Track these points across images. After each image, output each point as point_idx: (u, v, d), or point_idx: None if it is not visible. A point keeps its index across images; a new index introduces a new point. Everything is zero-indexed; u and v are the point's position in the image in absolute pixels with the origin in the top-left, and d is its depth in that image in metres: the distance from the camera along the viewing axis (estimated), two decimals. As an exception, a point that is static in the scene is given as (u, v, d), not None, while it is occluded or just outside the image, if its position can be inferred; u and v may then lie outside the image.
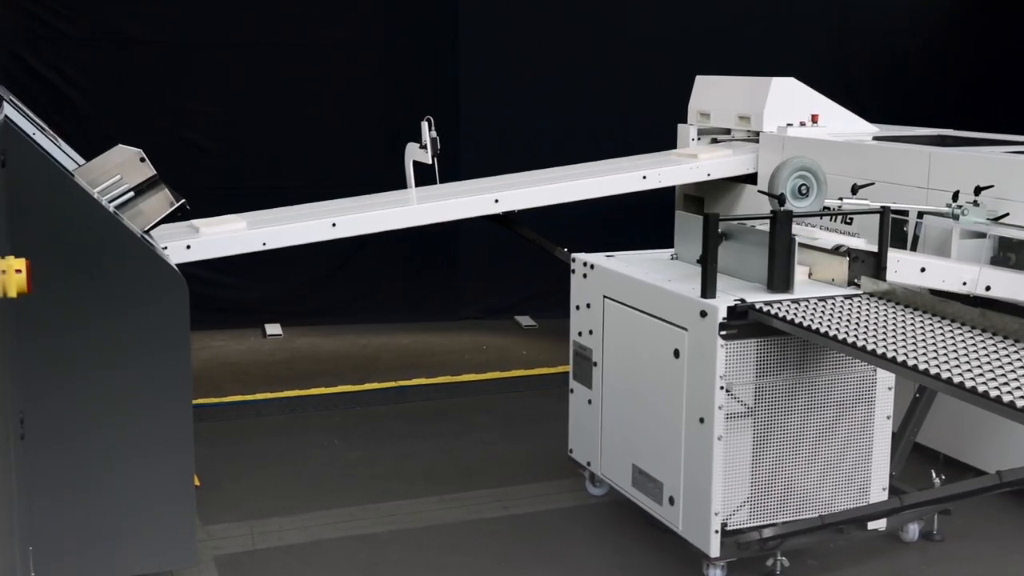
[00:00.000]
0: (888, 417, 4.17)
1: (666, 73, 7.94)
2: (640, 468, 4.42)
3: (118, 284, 3.74)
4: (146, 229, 4.14)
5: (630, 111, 8.26)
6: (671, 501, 4.21)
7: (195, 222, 5.65)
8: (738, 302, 3.92)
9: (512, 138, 8.22)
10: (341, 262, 8.11)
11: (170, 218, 4.39)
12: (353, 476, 5.21)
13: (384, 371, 6.87)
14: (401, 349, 7.48)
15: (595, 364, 4.71)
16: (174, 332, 3.81)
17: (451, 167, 7.88)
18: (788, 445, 4.09)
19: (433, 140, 6.21)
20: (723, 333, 3.88)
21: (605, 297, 4.61)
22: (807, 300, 3.99)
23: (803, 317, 3.77)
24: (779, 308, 3.89)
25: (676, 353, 4.11)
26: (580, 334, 4.82)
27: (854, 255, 4.16)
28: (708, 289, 3.98)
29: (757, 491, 4.09)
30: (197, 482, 5.07)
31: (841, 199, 4.82)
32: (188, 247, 5.38)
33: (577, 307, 4.84)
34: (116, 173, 4.59)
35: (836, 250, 4.20)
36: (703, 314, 3.95)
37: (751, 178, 6.52)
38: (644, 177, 6.32)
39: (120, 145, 4.65)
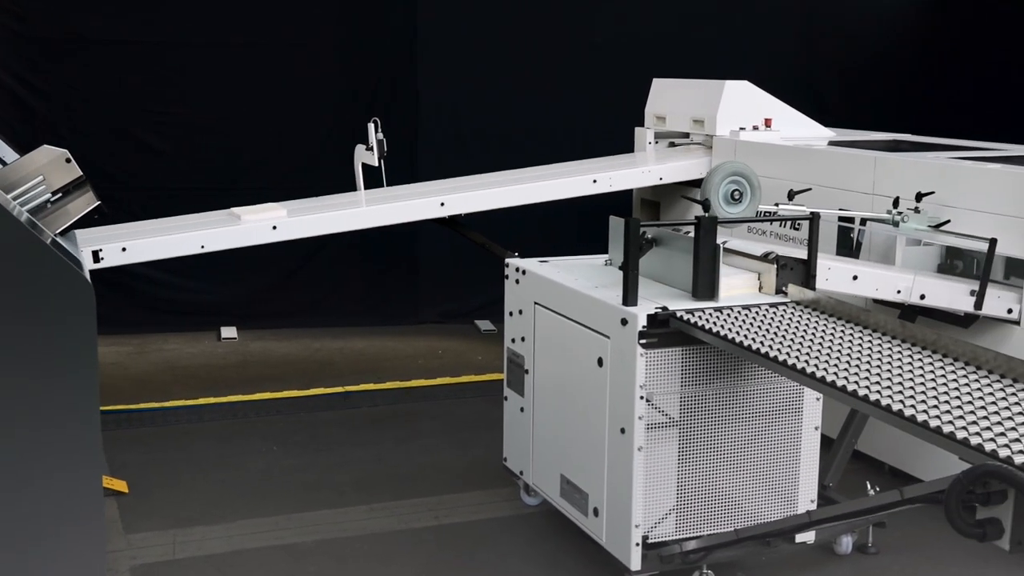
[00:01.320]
0: (816, 428, 4.09)
1: (630, 75, 7.86)
2: (568, 478, 4.33)
3: (22, 290, 3.64)
4: (57, 232, 4.05)
5: (593, 114, 8.18)
6: (596, 512, 4.13)
7: (235, 210, 5.68)
8: (659, 310, 3.83)
9: (471, 141, 8.15)
10: (300, 264, 8.03)
11: (85, 221, 4.30)
12: (286, 484, 5.12)
13: (334, 376, 6.78)
14: (355, 353, 7.39)
15: (527, 371, 4.62)
16: (80, 339, 3.71)
17: (409, 170, 7.84)
18: (714, 456, 4.01)
19: (380, 142, 6.12)
20: (642, 342, 3.79)
21: (536, 303, 4.52)
22: (731, 308, 3.90)
23: (724, 326, 3.69)
24: (701, 317, 3.80)
25: (600, 361, 4.02)
26: (513, 341, 4.74)
27: (782, 263, 4.07)
28: (629, 296, 3.89)
29: (682, 503, 4.00)
30: (125, 489, 5.01)
31: (777, 204, 4.73)
32: (124, 249, 5.30)
33: (511, 313, 4.76)
34: (39, 175, 4.51)
35: (764, 257, 4.11)
36: (623, 322, 3.86)
37: (706, 182, 6.45)
38: (595, 181, 6.24)
39: (45, 146, 4.56)
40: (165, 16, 7.64)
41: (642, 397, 3.82)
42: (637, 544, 3.90)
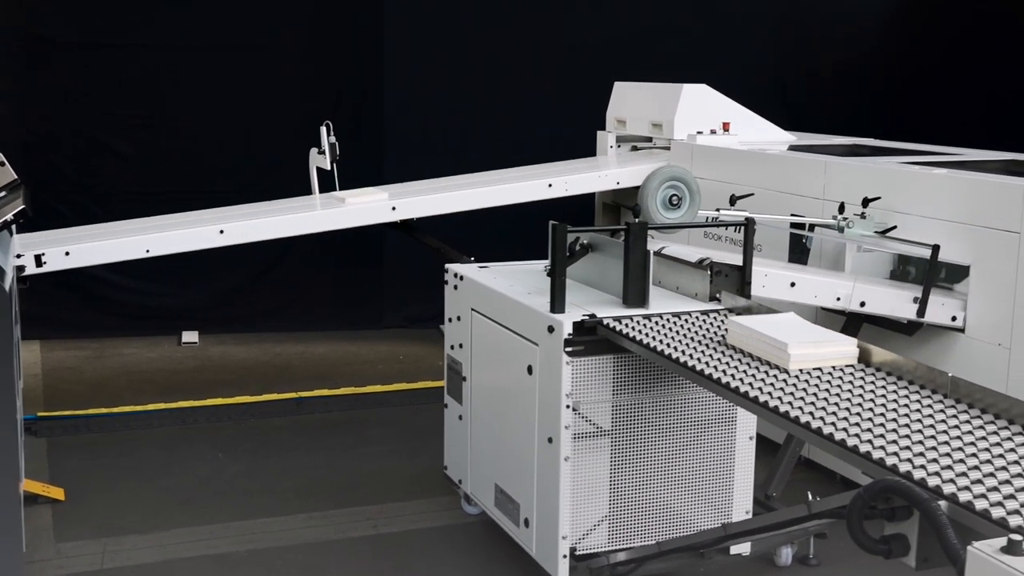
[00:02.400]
0: (751, 438, 4.01)
1: (599, 79, 7.79)
2: (501, 488, 4.26)
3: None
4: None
5: (561, 117, 8.10)
6: (526, 523, 4.05)
7: (339, 193, 5.87)
8: (586, 317, 3.76)
9: (438, 144, 8.08)
10: (265, 269, 7.96)
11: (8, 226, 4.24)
12: (228, 491, 5.05)
13: (291, 381, 6.71)
14: (315, 359, 7.32)
15: (464, 379, 4.55)
16: (-6, 344, 3.65)
17: (375, 173, 7.77)
18: (646, 466, 3.94)
19: (332, 145, 6.06)
20: (568, 350, 3.72)
21: (472, 310, 4.45)
22: (660, 316, 3.83)
23: (650, 334, 3.62)
24: (628, 324, 3.73)
25: (529, 369, 3.95)
26: (452, 347, 4.67)
27: (717, 269, 4.00)
28: (556, 303, 3.82)
29: (613, 513, 3.93)
30: (62, 496, 4.94)
31: (718, 210, 4.66)
32: (67, 253, 5.22)
33: (450, 319, 4.69)
34: (-33, 179, 4.46)
35: (699, 264, 4.04)
36: (550, 329, 3.79)
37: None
38: (550, 185, 6.17)
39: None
40: (131, 20, 7.57)
41: (568, 406, 3.75)
42: (564, 556, 3.82)
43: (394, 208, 5.85)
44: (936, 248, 4.35)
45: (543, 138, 8.03)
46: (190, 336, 7.67)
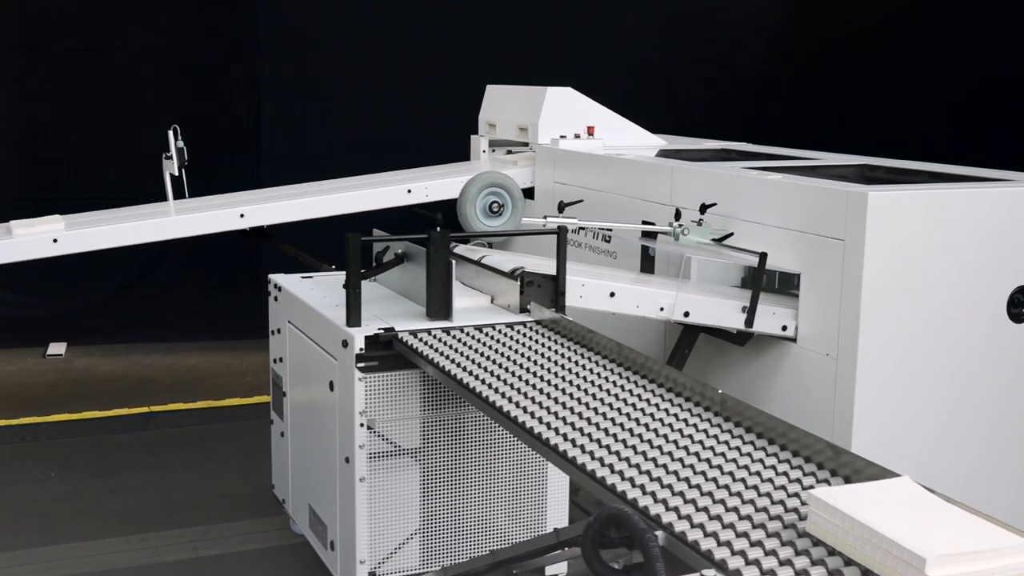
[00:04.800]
0: (564, 454, 3.85)
1: (484, 82, 7.64)
2: (313, 509, 4.08)
3: None
4: None
5: (445, 121, 7.93)
6: (332, 546, 3.87)
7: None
8: (381, 331, 3.59)
9: (317, 150, 7.89)
10: (137, 277, 7.73)
11: None
12: (49, 513, 4.82)
13: (152, 394, 6.48)
14: (184, 370, 7.09)
15: (284, 394, 4.37)
16: None
17: (254, 179, 7.56)
18: (459, 482, 3.77)
19: (180, 150, 5.82)
20: (360, 365, 3.54)
21: (288, 322, 4.27)
22: (462, 329, 3.67)
23: (443, 350, 3.45)
24: (424, 338, 3.56)
25: (331, 385, 3.78)
26: (275, 361, 4.49)
27: (528, 279, 3.84)
28: (351, 316, 3.64)
29: (423, 533, 3.76)
30: None
31: (545, 217, 4.51)
32: None
33: (272, 332, 4.50)
34: None
35: (511, 274, 3.88)
36: (344, 344, 3.61)
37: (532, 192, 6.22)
38: (409, 191, 5.99)
39: None
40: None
41: (363, 424, 3.58)
42: (363, 581, 3.65)
43: (242, 215, 5.64)
44: (763, 256, 4.22)
45: (428, 142, 7.85)
46: (56, 348, 7.42)
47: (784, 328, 4.26)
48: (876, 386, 4.02)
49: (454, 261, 3.72)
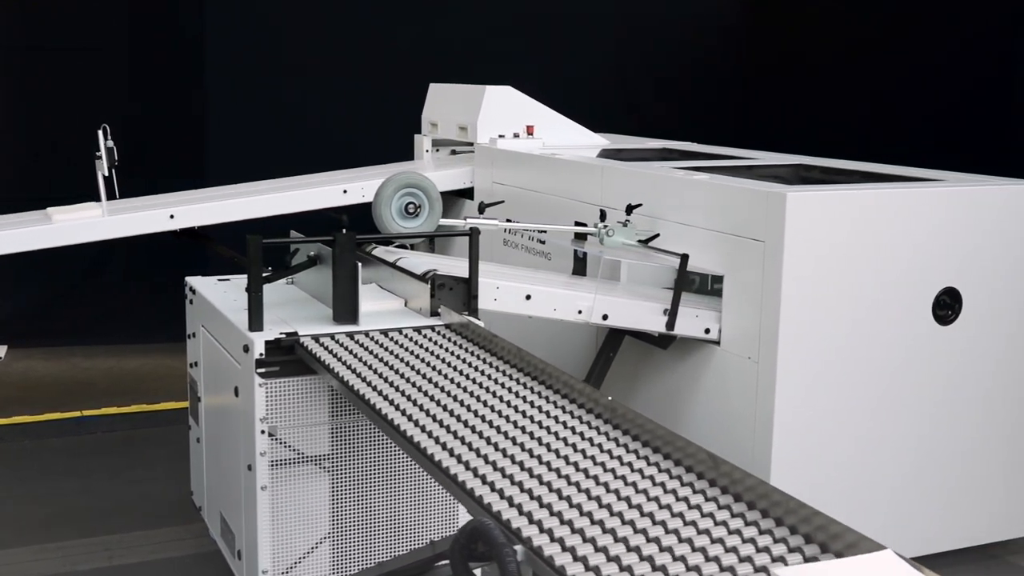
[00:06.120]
0: (477, 460, 3.77)
1: (432, 81, 7.56)
2: (224, 517, 3.99)
3: None
4: None
5: (393, 120, 7.84)
6: (239, 555, 3.78)
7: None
8: (283, 335, 3.50)
9: (264, 149, 7.78)
10: (82, 278, 7.62)
11: None
12: (-35, 522, 4.73)
13: (89, 398, 6.37)
14: (126, 373, 6.98)
15: (199, 399, 4.28)
16: None
17: (198, 179, 7.45)
18: (362, 490, 3.67)
19: (110, 150, 5.70)
20: (260, 371, 3.45)
21: (202, 326, 4.18)
22: (367, 333, 3.58)
23: (343, 356, 3.36)
24: (326, 343, 3.47)
25: (236, 391, 3.69)
26: (191, 366, 4.39)
27: (439, 282, 3.76)
28: (253, 321, 3.55)
29: (328, 541, 3.67)
30: None
31: (466, 218, 4.43)
32: None
33: (189, 336, 4.41)
34: None
35: (423, 276, 3.80)
36: (245, 348, 3.52)
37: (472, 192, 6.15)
38: (345, 191, 5.90)
39: None
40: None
41: (263, 431, 3.49)
42: (266, 591, 3.56)
43: (172, 216, 5.55)
44: (684, 257, 4.15)
45: (375, 142, 7.75)
46: (-3, 351, 7.31)
47: (707, 331, 4.19)
48: (797, 390, 3.96)
49: (360, 264, 3.63)
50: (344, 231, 3.60)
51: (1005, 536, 4.52)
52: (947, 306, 4.17)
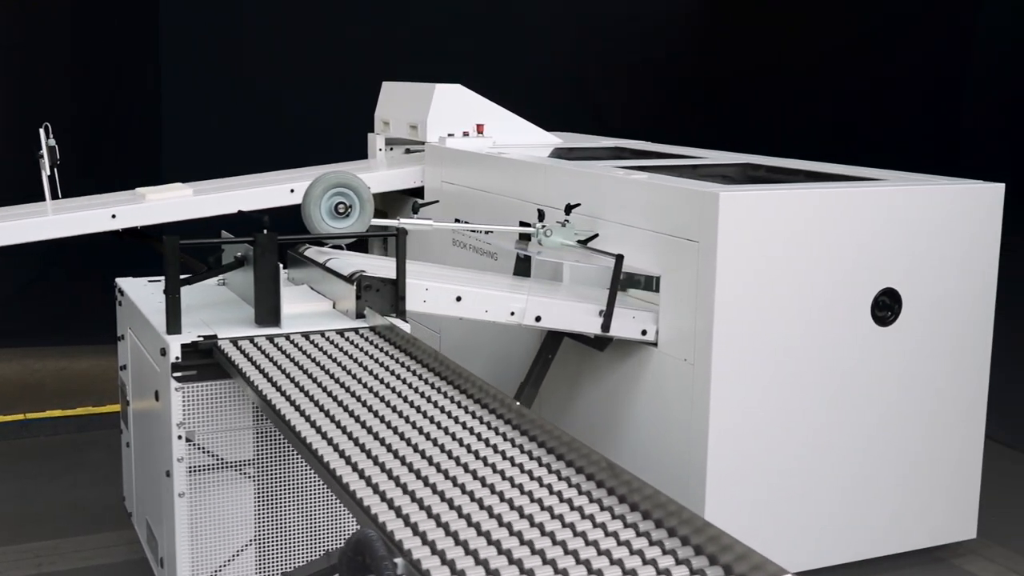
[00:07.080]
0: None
1: (388, 79, 7.49)
2: (149, 524, 3.91)
3: None
4: None
5: (346, 119, 7.76)
6: (162, 563, 3.71)
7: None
8: (200, 338, 3.42)
9: (220, 148, 7.70)
10: (33, 278, 7.53)
11: None
12: None
13: (36, 400, 6.26)
14: (76, 375, 6.88)
15: (128, 403, 4.20)
16: None
17: (154, 179, 7.36)
18: (287, 494, 3.60)
19: (52, 149, 5.63)
20: (177, 375, 3.38)
21: (129, 328, 4.10)
22: (288, 336, 3.51)
23: (258, 357, 3.29)
24: (243, 346, 3.40)
25: (156, 395, 3.61)
26: (121, 369, 4.31)
27: (366, 283, 3.69)
28: (171, 323, 3.47)
29: (252, 547, 3.59)
30: None
31: (400, 219, 4.36)
32: None
33: (119, 338, 4.33)
34: None
35: (349, 277, 3.73)
36: (163, 352, 3.44)
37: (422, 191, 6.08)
38: (292, 191, 5.81)
39: None
40: None
41: (181, 436, 3.41)
42: (185, 600, 3.49)
43: (114, 216, 5.46)
44: (620, 258, 4.09)
45: (331, 140, 7.69)
46: (-55, 352, 7.20)
47: (644, 332, 4.13)
48: (733, 392, 3.90)
49: (291, 265, 3.56)
50: (265, 231, 3.52)
51: (950, 539, 4.47)
52: (886, 307, 4.12)
